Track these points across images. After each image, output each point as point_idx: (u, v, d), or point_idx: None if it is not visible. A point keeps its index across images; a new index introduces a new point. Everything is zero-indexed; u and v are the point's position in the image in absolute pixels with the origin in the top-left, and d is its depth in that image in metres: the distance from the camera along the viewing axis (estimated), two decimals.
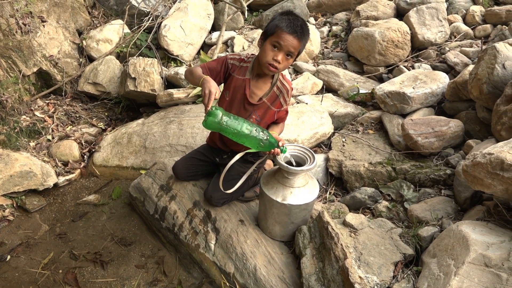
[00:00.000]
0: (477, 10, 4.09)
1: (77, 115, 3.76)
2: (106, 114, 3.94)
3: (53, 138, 3.35)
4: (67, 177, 3.06)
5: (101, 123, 3.76)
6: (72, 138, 3.38)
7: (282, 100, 2.07)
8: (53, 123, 3.50)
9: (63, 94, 3.89)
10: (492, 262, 1.50)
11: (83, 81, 3.95)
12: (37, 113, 3.52)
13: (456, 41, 3.90)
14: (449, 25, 4.01)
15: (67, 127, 3.57)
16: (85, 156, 3.31)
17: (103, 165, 3.20)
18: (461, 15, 4.21)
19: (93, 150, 3.33)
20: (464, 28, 3.99)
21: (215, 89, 1.76)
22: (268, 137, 1.82)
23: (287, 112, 2.19)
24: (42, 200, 2.86)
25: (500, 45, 2.49)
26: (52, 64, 3.80)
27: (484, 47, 3.40)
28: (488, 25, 3.90)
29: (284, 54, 1.88)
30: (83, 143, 3.40)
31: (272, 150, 1.86)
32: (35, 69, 3.62)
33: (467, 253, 1.56)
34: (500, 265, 1.48)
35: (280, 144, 1.88)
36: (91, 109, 3.93)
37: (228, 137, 1.82)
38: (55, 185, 2.97)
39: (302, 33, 1.85)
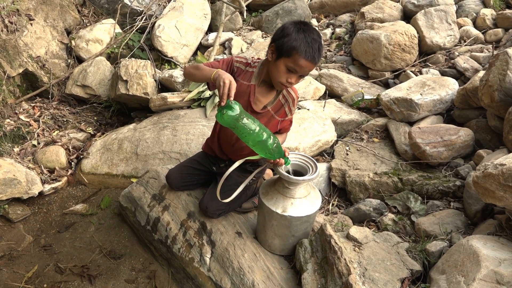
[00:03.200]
0: (488, 13, 4.13)
1: (65, 119, 3.76)
2: (95, 118, 3.95)
3: (38, 143, 3.36)
4: (53, 185, 3.06)
5: (90, 128, 3.76)
6: (59, 143, 3.38)
7: (287, 109, 2.09)
8: (38, 128, 3.50)
9: (49, 96, 3.91)
10: (504, 279, 1.51)
11: (71, 83, 3.97)
12: (22, 116, 3.52)
13: (466, 45, 3.94)
14: (459, 29, 4.06)
15: (54, 132, 3.57)
16: (72, 163, 3.31)
17: (92, 172, 3.21)
18: (471, 18, 4.25)
19: (81, 156, 3.33)
20: (475, 32, 4.03)
21: (234, 81, 1.72)
22: (277, 145, 1.83)
23: (291, 122, 2.20)
24: (26, 209, 2.86)
25: None
26: (39, 65, 3.82)
27: (495, 52, 3.44)
28: (500, 29, 3.95)
29: (298, 76, 1.91)
30: (71, 149, 3.40)
31: (277, 160, 1.87)
32: (20, 70, 3.64)
33: (478, 269, 1.58)
34: None
35: (286, 154, 1.89)
36: (79, 113, 3.94)
37: (239, 137, 1.77)
38: (40, 193, 2.97)
39: (319, 57, 1.86)
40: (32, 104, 3.76)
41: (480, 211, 2.16)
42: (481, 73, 2.83)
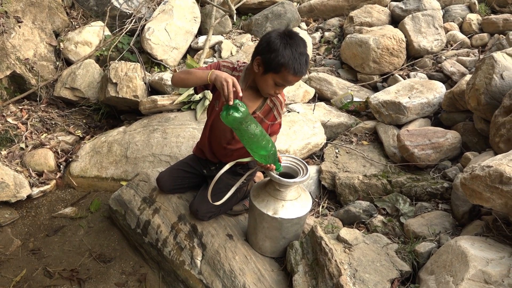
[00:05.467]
0: (474, 18, 4.21)
1: (53, 122, 3.73)
2: (84, 121, 3.92)
3: (26, 146, 3.32)
4: (41, 189, 3.02)
5: (79, 131, 3.73)
6: (48, 146, 3.35)
7: (276, 113, 2.10)
8: (26, 131, 3.47)
9: (38, 99, 3.87)
10: (492, 279, 1.54)
11: (59, 85, 3.94)
12: (9, 119, 3.49)
13: (452, 49, 4.00)
14: (446, 33, 4.12)
15: (42, 134, 3.54)
16: (61, 166, 3.28)
17: (81, 175, 3.18)
18: (457, 23, 4.32)
19: (70, 159, 3.31)
20: (461, 36, 4.10)
21: (235, 78, 1.71)
22: (274, 151, 1.83)
23: (280, 125, 2.22)
24: (14, 213, 2.82)
25: (498, 55, 2.57)
26: (27, 67, 3.78)
27: (481, 56, 3.49)
28: (485, 34, 4.02)
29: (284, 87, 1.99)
30: (59, 152, 3.37)
31: (268, 165, 1.88)
32: (8, 73, 3.60)
33: (466, 269, 1.60)
34: (500, 282, 1.52)
35: (280, 161, 1.91)
36: (68, 115, 3.91)
37: (240, 139, 1.78)
38: (29, 197, 2.93)
39: (306, 69, 1.89)
40: (20, 107, 3.72)
41: (468, 212, 2.20)
42: (468, 77, 2.88)
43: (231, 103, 1.63)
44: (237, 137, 2.14)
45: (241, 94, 1.66)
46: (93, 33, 4.30)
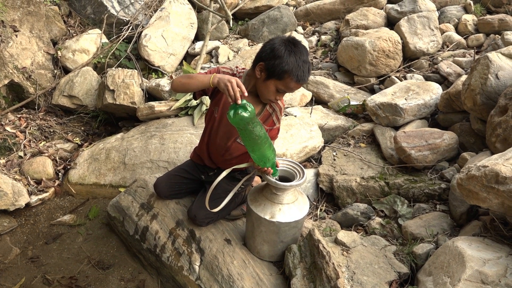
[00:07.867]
0: (470, 19, 4.21)
1: (51, 130, 3.74)
2: (82, 128, 3.93)
3: (25, 154, 3.32)
4: (40, 196, 3.03)
5: (77, 138, 3.74)
6: (46, 154, 3.35)
7: (275, 118, 2.11)
8: (25, 139, 3.47)
9: (36, 107, 3.88)
10: (488, 279, 1.54)
11: (57, 93, 3.95)
12: (7, 128, 3.49)
13: (448, 50, 4.00)
14: (441, 35, 4.12)
15: (40, 142, 3.54)
16: (59, 174, 3.28)
17: (79, 183, 3.18)
18: (453, 24, 4.33)
19: (69, 167, 3.31)
20: (457, 37, 4.10)
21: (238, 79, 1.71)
22: (273, 156, 1.84)
23: (278, 130, 2.22)
24: (12, 221, 2.82)
25: (493, 55, 2.57)
26: (25, 76, 3.79)
27: (477, 57, 3.50)
28: (481, 34, 4.02)
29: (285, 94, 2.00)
30: (58, 160, 3.37)
31: (265, 168, 1.88)
32: (6, 81, 3.61)
33: (463, 270, 1.60)
34: (497, 282, 1.52)
35: (277, 165, 1.91)
36: (66, 123, 3.92)
37: (243, 140, 1.78)
38: (27, 205, 2.93)
39: (308, 77, 1.92)
40: (18, 115, 3.73)
41: (465, 213, 2.19)
42: (464, 78, 2.88)
43: (239, 102, 1.63)
44: (235, 144, 2.15)
45: (246, 94, 1.66)
46: (91, 41, 4.31)
